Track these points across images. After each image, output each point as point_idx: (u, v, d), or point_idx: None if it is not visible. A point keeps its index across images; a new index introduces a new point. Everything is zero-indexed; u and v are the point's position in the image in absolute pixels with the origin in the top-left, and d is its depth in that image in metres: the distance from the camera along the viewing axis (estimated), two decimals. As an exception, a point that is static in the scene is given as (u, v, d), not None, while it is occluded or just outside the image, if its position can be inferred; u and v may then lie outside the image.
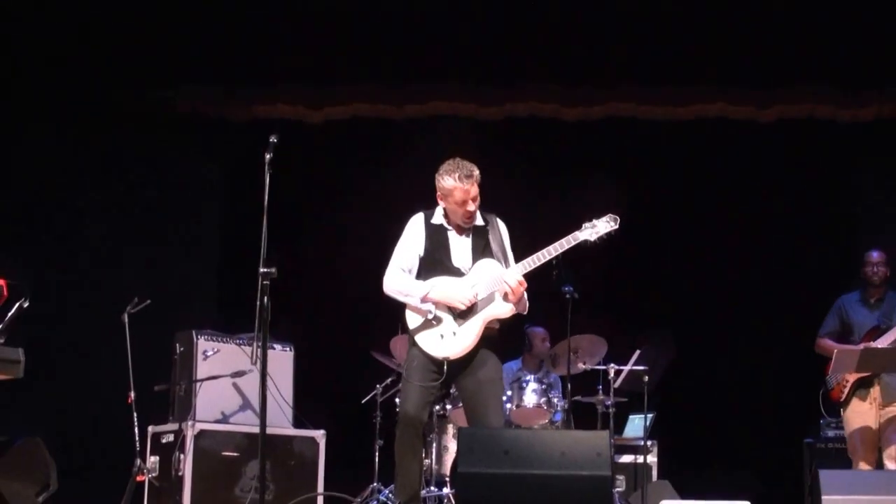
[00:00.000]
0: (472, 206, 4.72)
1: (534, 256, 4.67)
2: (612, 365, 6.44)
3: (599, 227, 4.67)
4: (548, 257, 4.66)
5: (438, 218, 4.83)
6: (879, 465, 5.97)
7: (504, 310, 4.71)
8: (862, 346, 5.91)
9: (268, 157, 4.43)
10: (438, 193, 4.78)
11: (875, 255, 6.21)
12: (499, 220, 4.89)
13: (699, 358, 7.40)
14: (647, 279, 7.71)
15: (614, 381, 6.42)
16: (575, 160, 7.84)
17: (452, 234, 4.80)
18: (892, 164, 7.57)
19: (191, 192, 7.71)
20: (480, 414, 4.69)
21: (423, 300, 4.71)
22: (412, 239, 4.82)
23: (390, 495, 5.81)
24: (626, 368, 6.47)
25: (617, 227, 4.68)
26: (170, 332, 6.13)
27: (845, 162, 7.65)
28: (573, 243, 4.66)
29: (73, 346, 7.21)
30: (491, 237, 4.80)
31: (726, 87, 7.24)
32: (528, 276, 4.71)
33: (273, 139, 4.45)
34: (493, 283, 4.69)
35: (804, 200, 7.71)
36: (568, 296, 5.87)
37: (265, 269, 4.30)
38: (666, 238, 7.71)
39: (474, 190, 4.71)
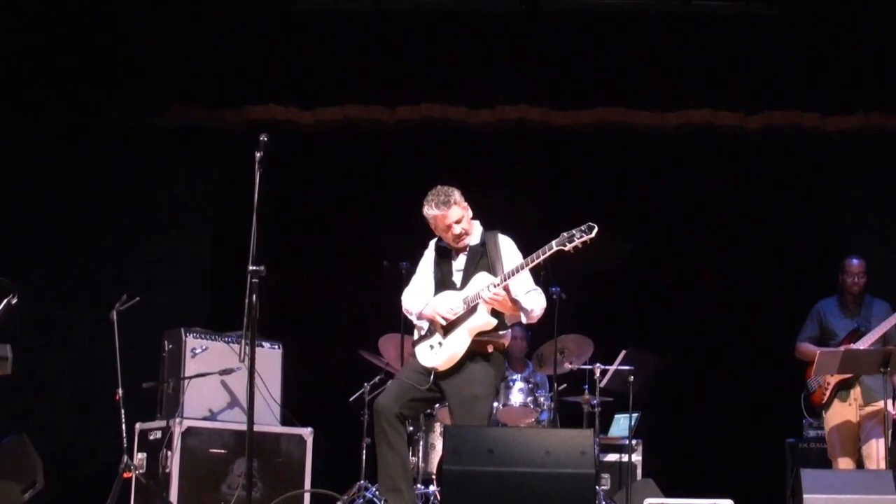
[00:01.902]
0: (457, 229, 4.87)
1: (512, 268, 4.76)
2: (598, 365, 6.49)
3: (574, 237, 4.68)
4: (523, 269, 4.74)
5: (444, 241, 5.02)
6: (859, 466, 6.03)
7: (482, 321, 4.79)
8: (843, 348, 5.96)
9: (258, 156, 4.46)
10: (429, 224, 4.94)
11: (856, 265, 6.13)
12: (500, 237, 4.97)
13: (684, 359, 7.45)
14: (632, 281, 7.77)
15: (600, 381, 6.47)
16: (564, 164, 7.90)
17: (453, 255, 4.99)
18: (877, 173, 7.65)
19: (182, 191, 7.74)
20: None
21: (419, 317, 4.94)
22: (424, 263, 5.07)
23: (377, 493, 5.84)
24: (612, 368, 6.51)
25: (593, 235, 4.64)
26: (158, 330, 6.15)
27: (831, 171, 7.73)
28: (548, 253, 4.70)
29: (61, 343, 7.22)
30: (487, 254, 4.90)
31: (713, 94, 7.32)
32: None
33: (264, 138, 4.49)
34: (477, 296, 4.80)
35: (789, 208, 7.78)
36: (555, 297, 5.94)
37: (254, 268, 4.33)
38: (653, 241, 7.77)
39: (454, 213, 4.85)
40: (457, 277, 4.93)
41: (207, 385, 5.89)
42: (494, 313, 4.81)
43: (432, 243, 5.07)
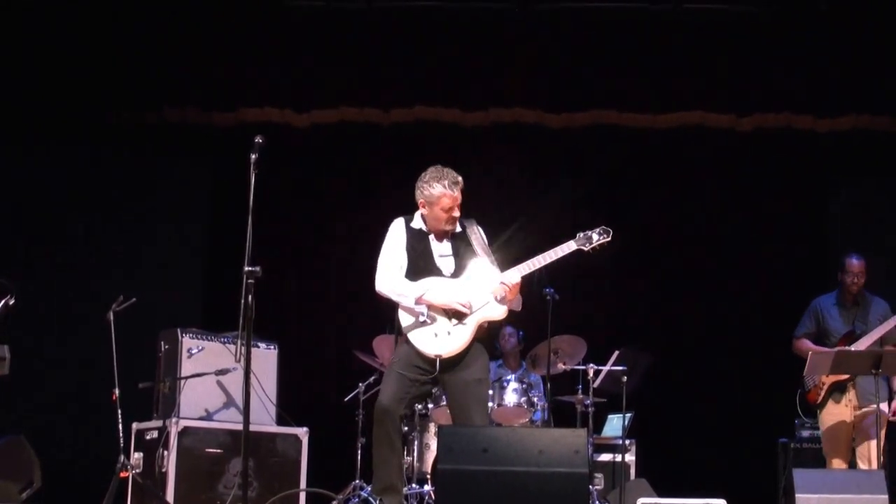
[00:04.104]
0: (457, 213, 4.85)
1: (529, 262, 4.79)
2: (591, 365, 6.52)
3: (593, 239, 4.79)
4: (541, 264, 4.78)
5: (418, 223, 4.92)
6: (853, 465, 6.07)
7: (498, 312, 4.84)
8: (835, 349, 5.98)
9: (253, 157, 4.48)
10: (422, 201, 4.86)
11: (856, 264, 6.06)
12: (476, 225, 4.98)
13: (677, 359, 7.50)
14: (626, 282, 7.82)
15: (593, 381, 6.50)
16: (557, 166, 7.95)
17: (433, 239, 4.91)
18: (866, 174, 7.72)
19: (178, 193, 7.77)
20: (465, 415, 4.80)
21: (418, 302, 4.80)
22: (395, 244, 4.90)
23: (371, 492, 5.88)
24: (605, 369, 6.54)
25: (609, 238, 4.79)
26: (155, 330, 6.17)
27: (822, 171, 7.79)
28: (566, 252, 4.77)
29: (58, 344, 7.24)
30: (472, 241, 4.89)
31: (705, 96, 7.37)
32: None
33: (259, 140, 4.52)
34: (489, 284, 4.80)
35: (780, 208, 7.84)
36: (548, 297, 5.98)
37: (250, 269, 4.35)
38: (646, 242, 7.82)
39: (460, 196, 4.83)
40: (442, 262, 4.85)
41: (203, 385, 5.90)
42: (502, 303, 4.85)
43: (400, 223, 4.91)
